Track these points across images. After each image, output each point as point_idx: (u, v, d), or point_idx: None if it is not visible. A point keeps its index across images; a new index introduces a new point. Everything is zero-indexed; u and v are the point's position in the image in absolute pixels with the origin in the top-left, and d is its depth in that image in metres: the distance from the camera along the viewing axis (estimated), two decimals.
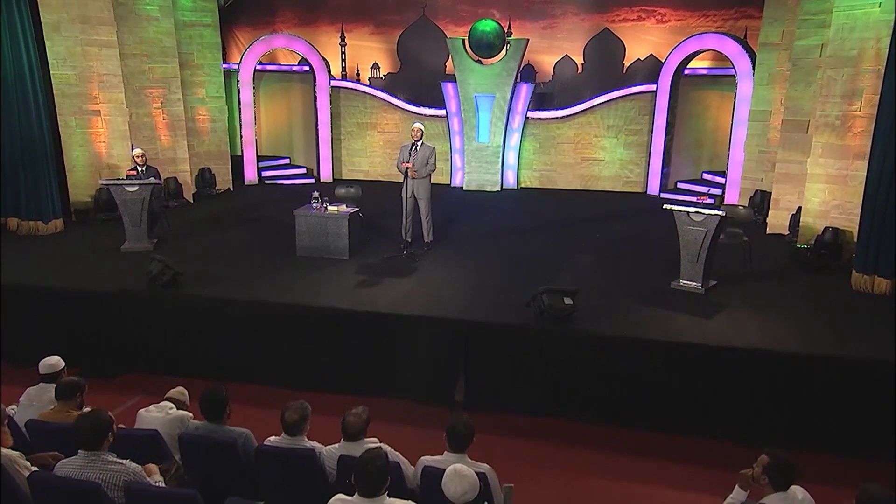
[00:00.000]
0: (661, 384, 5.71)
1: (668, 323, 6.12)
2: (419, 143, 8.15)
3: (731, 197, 10.82)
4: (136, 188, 7.91)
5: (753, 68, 10.36)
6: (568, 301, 6.06)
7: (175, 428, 4.13)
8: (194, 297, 6.65)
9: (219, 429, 3.93)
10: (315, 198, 8.10)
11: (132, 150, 8.62)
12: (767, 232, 9.34)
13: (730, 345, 5.58)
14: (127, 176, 8.11)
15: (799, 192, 8.78)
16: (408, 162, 8.02)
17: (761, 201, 10.00)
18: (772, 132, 10.04)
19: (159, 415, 4.22)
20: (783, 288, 7.17)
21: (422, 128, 8.29)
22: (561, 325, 5.97)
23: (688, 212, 6.83)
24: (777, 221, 9.28)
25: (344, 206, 8.22)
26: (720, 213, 6.65)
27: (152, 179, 8.02)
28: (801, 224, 8.44)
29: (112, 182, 7.95)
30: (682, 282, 7.02)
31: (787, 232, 9.03)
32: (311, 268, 7.59)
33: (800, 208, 8.68)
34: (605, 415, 5.85)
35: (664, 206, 7.00)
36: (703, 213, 6.74)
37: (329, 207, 8.06)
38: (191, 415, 4.26)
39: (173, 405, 4.33)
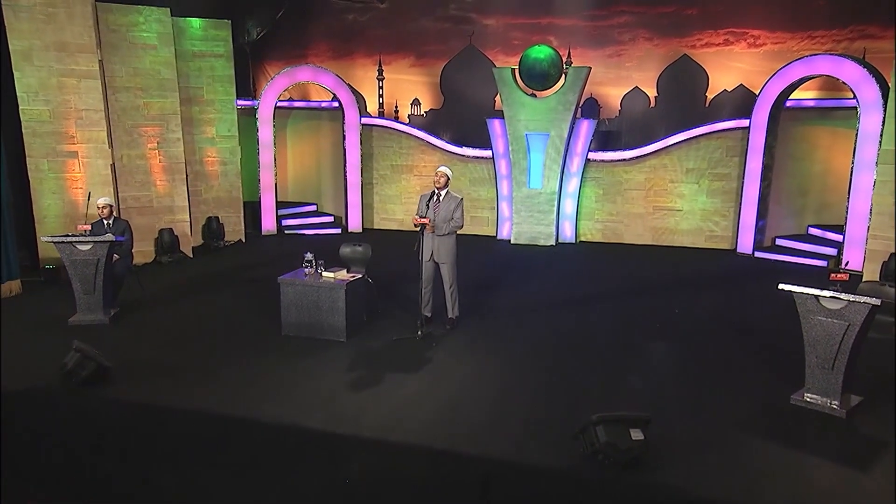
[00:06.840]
0: None
1: (798, 477, 3.93)
2: (443, 193, 6.35)
3: (853, 261, 8.42)
4: (89, 246, 6.36)
5: (884, 97, 8.07)
6: (636, 435, 4.00)
7: None
8: (117, 400, 4.93)
9: None
10: (307, 261, 6.37)
11: (87, 197, 7.10)
12: None
13: None
14: (86, 233, 6.56)
15: None
16: (425, 217, 6.24)
17: None
18: None
19: None
20: None
21: (448, 173, 6.51)
22: (624, 471, 3.90)
23: (817, 296, 4.66)
24: None
25: (345, 270, 6.46)
26: (873, 301, 4.44)
27: (109, 236, 6.45)
28: None
29: (58, 239, 6.39)
30: (809, 396, 4.81)
31: None
32: (293, 354, 5.82)
33: None
34: None
35: (779, 287, 4.85)
36: (843, 300, 4.56)
37: (324, 273, 6.30)
38: None
39: None
